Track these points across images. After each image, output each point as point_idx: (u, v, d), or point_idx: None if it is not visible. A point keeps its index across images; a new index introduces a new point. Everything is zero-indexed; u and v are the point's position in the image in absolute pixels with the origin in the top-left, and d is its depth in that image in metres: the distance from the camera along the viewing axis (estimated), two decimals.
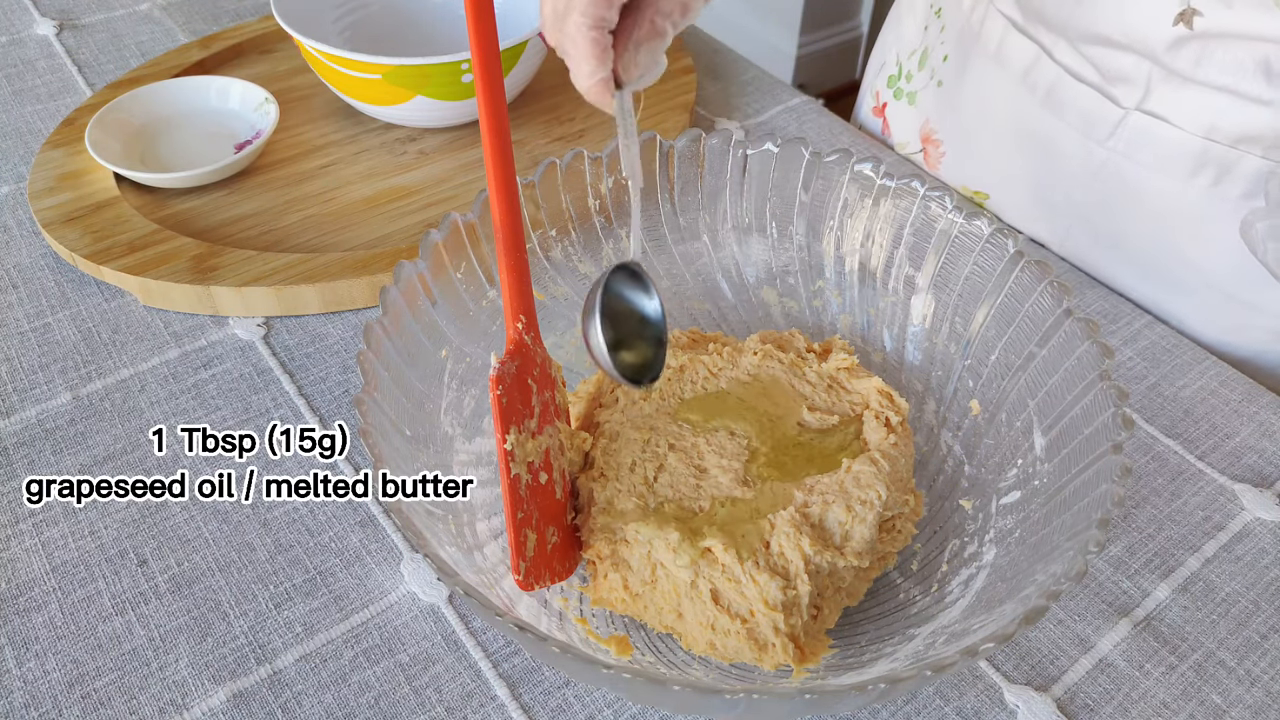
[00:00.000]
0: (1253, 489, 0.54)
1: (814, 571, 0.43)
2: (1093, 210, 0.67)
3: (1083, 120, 0.64)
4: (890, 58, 0.82)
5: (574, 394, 0.53)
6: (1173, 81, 0.59)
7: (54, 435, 0.55)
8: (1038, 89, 0.66)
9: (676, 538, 0.43)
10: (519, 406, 0.43)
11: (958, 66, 0.73)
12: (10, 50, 0.85)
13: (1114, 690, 0.46)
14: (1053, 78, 0.65)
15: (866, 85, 0.87)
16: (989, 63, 0.69)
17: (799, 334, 0.54)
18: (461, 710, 0.45)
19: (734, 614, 0.42)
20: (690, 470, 0.47)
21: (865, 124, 0.86)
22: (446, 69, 0.69)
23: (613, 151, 0.53)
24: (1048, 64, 0.65)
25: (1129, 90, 0.61)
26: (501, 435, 0.41)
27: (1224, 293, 0.63)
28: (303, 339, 0.62)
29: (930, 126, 0.77)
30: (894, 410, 0.49)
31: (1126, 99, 0.61)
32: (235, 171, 0.71)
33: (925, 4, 0.78)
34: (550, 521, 0.44)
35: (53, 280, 0.64)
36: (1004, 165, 0.72)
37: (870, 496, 0.45)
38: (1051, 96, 0.65)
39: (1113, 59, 0.61)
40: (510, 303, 0.44)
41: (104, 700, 0.45)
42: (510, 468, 0.42)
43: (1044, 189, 0.69)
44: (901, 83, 0.80)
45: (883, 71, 0.83)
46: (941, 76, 0.75)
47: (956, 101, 0.74)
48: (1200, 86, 0.58)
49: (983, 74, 0.70)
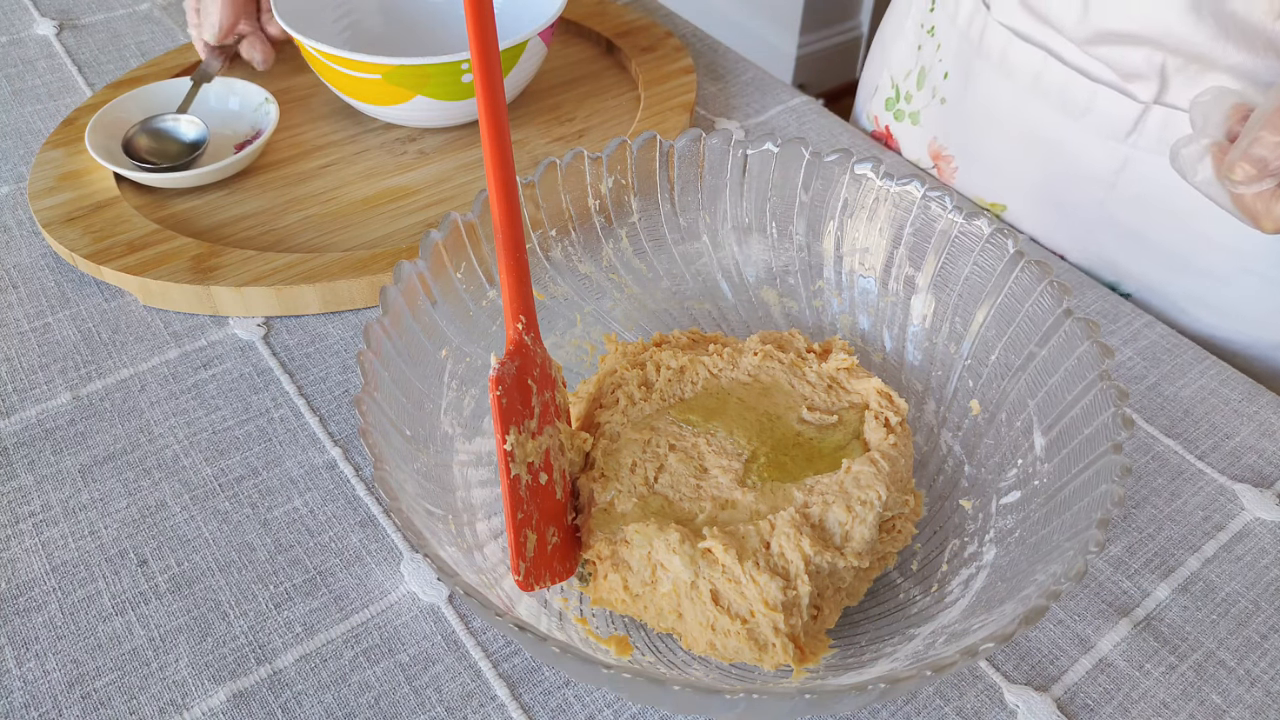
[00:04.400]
0: (1253, 489, 0.54)
1: (814, 572, 0.43)
2: (1118, 209, 0.67)
3: (1101, 120, 0.64)
4: (884, 81, 0.82)
5: (574, 394, 0.53)
6: (1189, 70, 0.58)
7: (54, 435, 0.55)
8: (1050, 94, 0.66)
9: (676, 538, 0.43)
10: (519, 407, 0.43)
11: (960, 82, 0.73)
12: (10, 50, 0.85)
13: (1114, 690, 0.47)
14: (1064, 81, 0.65)
15: (860, 108, 0.87)
16: (994, 74, 0.69)
17: (799, 334, 0.54)
18: (461, 710, 0.45)
19: (734, 614, 0.42)
20: (691, 471, 0.47)
21: None
22: (446, 69, 0.69)
23: (613, 152, 0.53)
24: (1057, 67, 0.65)
25: (1145, 85, 0.61)
26: (501, 436, 0.41)
27: (1263, 277, 0.63)
28: (303, 339, 0.62)
29: (939, 144, 0.77)
30: (893, 410, 0.49)
31: (1144, 94, 0.61)
32: (235, 171, 0.71)
33: (915, 25, 0.77)
34: (550, 522, 0.44)
35: (53, 280, 0.64)
36: (1018, 175, 0.72)
37: (870, 497, 0.45)
38: (1065, 100, 0.65)
39: (1125, 55, 0.61)
40: (510, 303, 0.44)
41: (104, 700, 0.45)
42: (510, 468, 0.42)
43: (1062, 194, 0.69)
44: (901, 104, 0.80)
45: (877, 95, 0.83)
46: (944, 94, 0.75)
47: (963, 116, 0.74)
48: (1218, 71, 0.57)
49: (988, 86, 0.70)
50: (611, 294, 0.56)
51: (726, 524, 0.44)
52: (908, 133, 0.80)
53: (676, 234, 0.57)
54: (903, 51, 0.79)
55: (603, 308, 0.56)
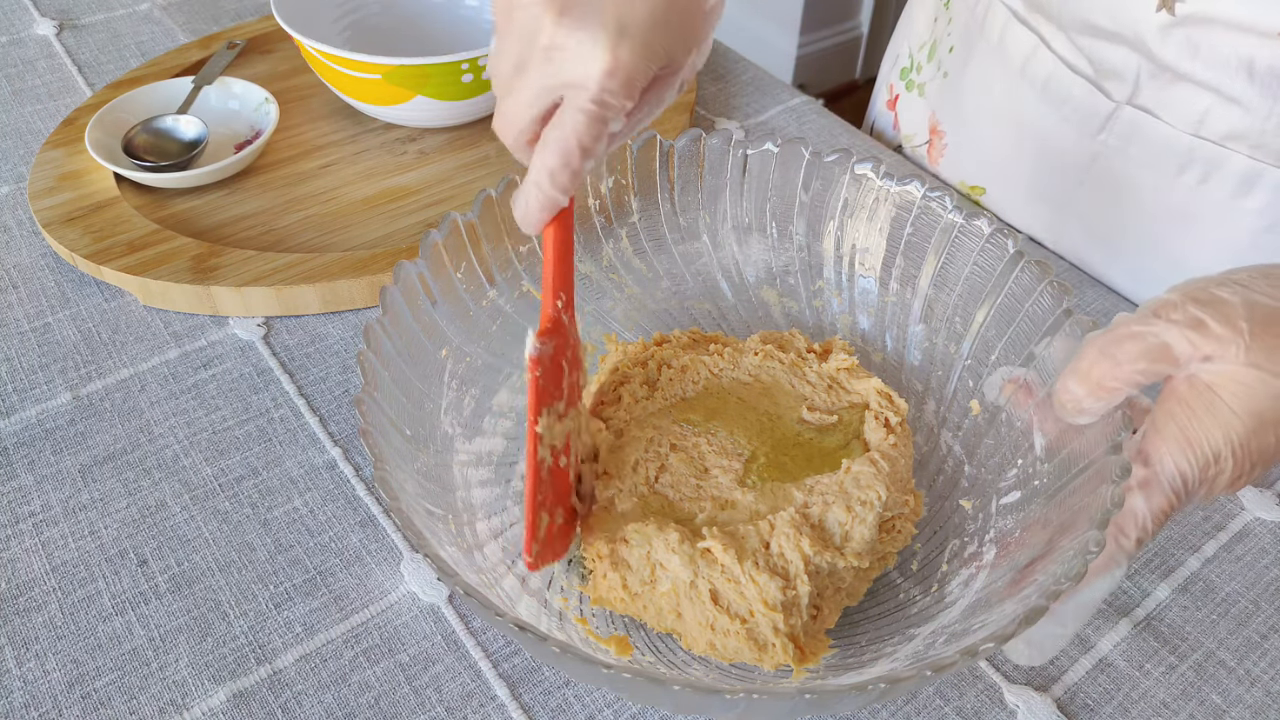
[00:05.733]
0: (1253, 489, 0.54)
1: (814, 572, 0.43)
2: (1085, 206, 0.67)
3: (1076, 113, 0.64)
4: (904, 50, 0.82)
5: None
6: (1162, 77, 0.59)
7: (54, 435, 0.55)
8: (1036, 81, 0.66)
9: (676, 538, 0.43)
10: (552, 388, 0.42)
11: (962, 58, 0.73)
12: (10, 50, 0.85)
13: (1114, 690, 0.46)
14: (1050, 69, 0.65)
15: (882, 79, 0.86)
16: (991, 54, 0.69)
17: (799, 334, 0.54)
18: (461, 710, 0.45)
19: (733, 614, 0.42)
20: (692, 471, 0.47)
21: (879, 118, 0.86)
22: (446, 69, 0.69)
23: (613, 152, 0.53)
24: (1046, 55, 0.65)
25: (1120, 84, 0.61)
26: (534, 418, 0.40)
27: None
28: (303, 339, 0.62)
29: (936, 118, 0.77)
30: (893, 410, 0.49)
31: (1118, 92, 0.61)
32: (235, 171, 0.71)
33: None
34: (559, 504, 0.44)
35: (53, 280, 0.64)
36: (1002, 159, 0.72)
37: (870, 497, 0.45)
38: (1048, 89, 0.65)
39: (1105, 51, 0.61)
40: (552, 279, 0.42)
41: (104, 700, 0.45)
42: (537, 450, 0.41)
43: (1040, 184, 0.69)
44: (913, 74, 0.80)
45: (897, 64, 0.83)
46: (948, 68, 0.75)
47: (959, 93, 0.74)
48: (1188, 83, 0.58)
49: (984, 66, 0.70)
50: (611, 294, 0.56)
51: (726, 524, 0.44)
52: (913, 104, 0.80)
53: (676, 234, 0.57)
54: (922, 21, 0.79)
55: (603, 308, 0.56)
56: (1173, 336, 0.37)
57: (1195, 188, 0.60)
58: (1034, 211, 0.71)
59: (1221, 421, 0.36)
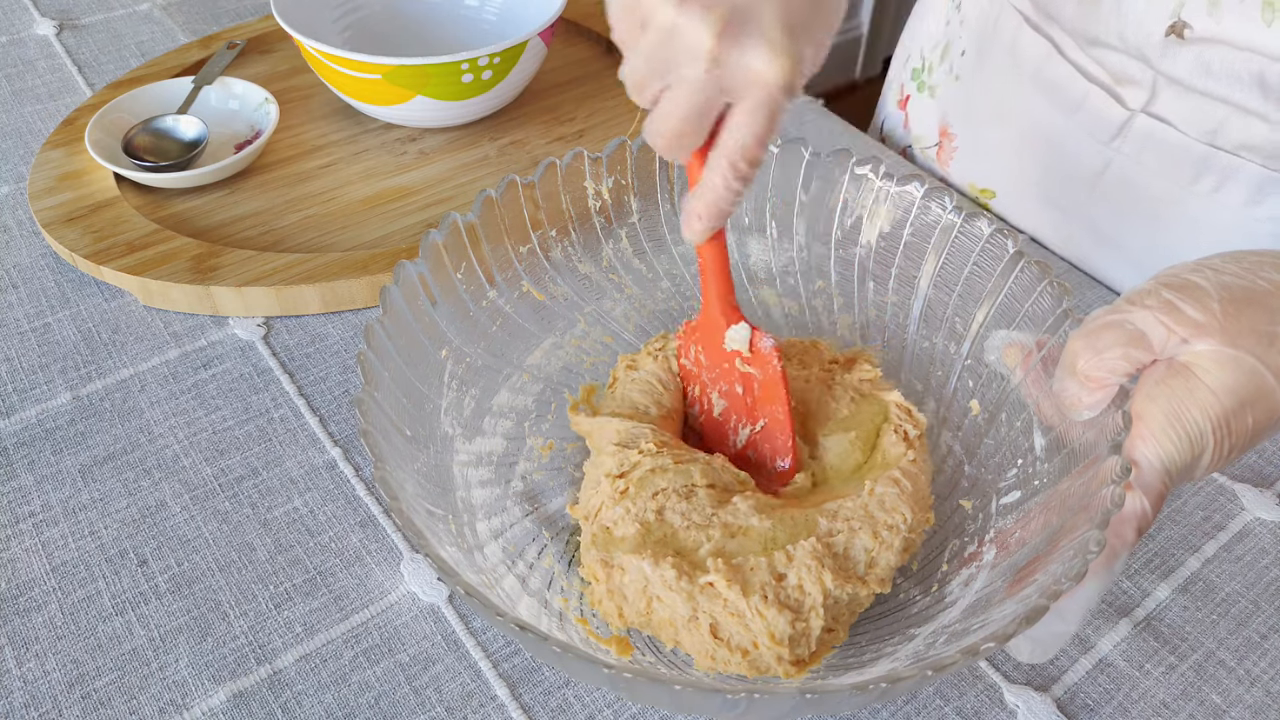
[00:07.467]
0: (1253, 489, 0.54)
1: (831, 604, 0.42)
2: (1096, 212, 0.67)
3: (1090, 120, 0.64)
4: (915, 50, 0.81)
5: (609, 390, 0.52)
6: (1175, 87, 0.59)
7: (54, 435, 0.55)
8: (1048, 87, 0.66)
9: (673, 575, 0.42)
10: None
11: (974, 61, 0.72)
12: (10, 50, 0.85)
13: (1114, 690, 0.47)
14: (1064, 75, 0.64)
15: (892, 78, 0.86)
16: (1003, 58, 0.69)
17: (823, 344, 0.53)
18: (461, 710, 0.45)
19: (734, 647, 0.41)
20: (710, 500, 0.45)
21: (889, 118, 0.86)
22: (446, 69, 0.69)
23: (613, 152, 0.53)
24: (1059, 61, 0.65)
25: (1136, 92, 0.61)
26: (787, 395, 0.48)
27: None
28: (303, 339, 0.62)
29: (947, 120, 0.77)
30: (912, 424, 0.48)
31: (1133, 100, 0.61)
32: (235, 171, 0.71)
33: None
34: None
35: (53, 280, 0.64)
36: (1012, 163, 0.71)
37: (896, 520, 0.44)
38: (1061, 95, 0.65)
39: (1118, 61, 0.61)
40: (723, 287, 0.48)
41: (104, 700, 0.45)
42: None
43: (1050, 189, 0.69)
44: (925, 75, 0.79)
45: (908, 64, 0.83)
46: (959, 71, 0.74)
47: (971, 96, 0.73)
48: (1200, 95, 0.58)
49: (997, 70, 0.70)
50: (611, 294, 0.56)
51: (733, 555, 0.43)
52: (924, 105, 0.79)
53: (676, 234, 0.57)
54: (934, 22, 0.79)
55: (603, 308, 0.56)
56: (1148, 322, 0.38)
57: (1208, 196, 0.60)
58: (1044, 217, 0.71)
59: (1200, 401, 0.37)
